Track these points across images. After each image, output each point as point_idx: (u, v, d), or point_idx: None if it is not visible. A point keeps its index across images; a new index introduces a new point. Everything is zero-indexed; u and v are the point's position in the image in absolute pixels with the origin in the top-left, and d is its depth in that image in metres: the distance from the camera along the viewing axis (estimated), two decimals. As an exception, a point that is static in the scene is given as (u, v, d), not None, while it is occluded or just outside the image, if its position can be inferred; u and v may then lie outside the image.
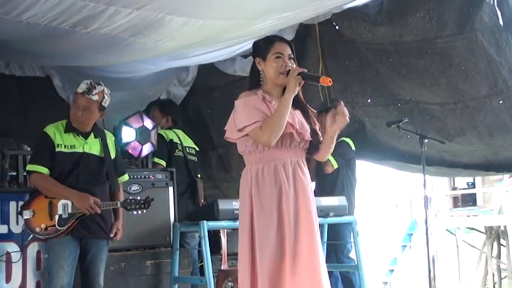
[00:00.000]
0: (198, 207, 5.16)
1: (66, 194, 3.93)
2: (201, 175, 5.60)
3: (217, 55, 5.85)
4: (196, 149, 5.50)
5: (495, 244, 12.30)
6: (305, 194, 3.06)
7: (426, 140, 5.11)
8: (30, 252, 4.16)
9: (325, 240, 5.11)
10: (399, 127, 5.26)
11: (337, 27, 5.63)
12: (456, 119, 5.43)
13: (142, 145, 4.96)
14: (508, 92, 5.02)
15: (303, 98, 3.21)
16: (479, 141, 5.47)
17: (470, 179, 16.95)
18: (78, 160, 3.99)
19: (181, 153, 5.27)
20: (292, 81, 3.02)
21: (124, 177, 4.30)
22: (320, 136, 3.19)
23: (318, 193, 3.37)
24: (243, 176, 3.14)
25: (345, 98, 5.94)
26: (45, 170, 3.96)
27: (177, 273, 4.65)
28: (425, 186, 5.16)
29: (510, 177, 13.25)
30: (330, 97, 5.93)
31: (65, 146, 3.99)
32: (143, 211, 4.06)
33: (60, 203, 3.94)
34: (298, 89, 3.06)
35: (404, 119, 5.27)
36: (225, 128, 3.17)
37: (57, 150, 3.97)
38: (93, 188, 3.98)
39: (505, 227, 11.88)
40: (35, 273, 4.19)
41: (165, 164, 5.10)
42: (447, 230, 13.39)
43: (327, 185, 5.44)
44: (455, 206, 17.19)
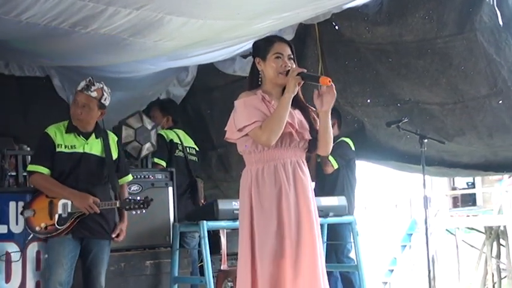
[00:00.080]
0: (198, 207, 5.16)
1: (66, 194, 3.94)
2: (200, 175, 5.60)
3: (216, 55, 5.84)
4: (197, 149, 5.50)
5: (495, 244, 12.31)
6: (305, 194, 3.05)
7: (426, 140, 5.11)
8: (30, 252, 4.15)
9: (325, 240, 5.11)
10: (399, 127, 5.26)
11: (336, 27, 5.62)
12: (456, 119, 5.43)
13: (142, 145, 4.97)
14: (507, 92, 5.01)
15: (303, 97, 3.21)
16: (478, 141, 5.47)
17: (470, 179, 16.98)
18: (78, 160, 4.00)
19: (182, 154, 5.27)
20: (291, 81, 3.02)
21: (128, 178, 4.30)
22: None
23: (318, 193, 3.37)
24: (243, 176, 3.14)
25: (344, 98, 5.95)
26: (46, 170, 3.97)
27: (176, 273, 4.65)
28: (425, 186, 5.16)
29: (510, 177, 13.26)
30: (330, 97, 5.92)
31: (65, 146, 3.99)
32: (142, 211, 4.06)
33: (60, 203, 3.95)
34: (298, 89, 3.06)
35: (403, 119, 5.27)
36: (225, 129, 3.17)
37: (57, 150, 3.98)
38: (93, 188, 3.98)
39: (504, 227, 11.89)
40: (34, 273, 4.18)
41: (165, 165, 5.10)
42: (447, 230, 13.40)
43: (327, 185, 5.44)
44: (454, 206, 17.21)
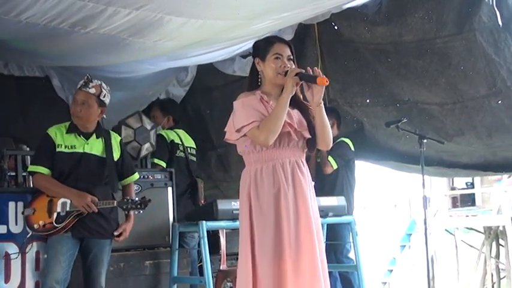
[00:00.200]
0: (197, 208, 5.16)
1: (65, 193, 3.94)
2: (200, 175, 5.60)
3: (216, 55, 5.84)
4: (196, 149, 5.50)
5: (494, 244, 12.31)
6: (303, 194, 3.05)
7: (425, 140, 5.11)
8: (29, 252, 4.15)
9: (324, 240, 5.11)
10: (398, 127, 5.26)
11: (336, 27, 5.62)
12: (455, 119, 5.43)
13: (141, 145, 4.96)
14: (506, 92, 5.02)
15: (303, 98, 3.21)
16: (478, 141, 5.47)
17: (469, 179, 16.99)
18: (78, 160, 3.99)
19: (183, 154, 5.26)
20: (289, 82, 3.02)
21: (134, 177, 4.27)
22: None
23: (317, 193, 3.37)
24: (243, 177, 3.14)
25: (343, 98, 5.96)
26: (46, 171, 3.97)
27: (176, 273, 4.65)
28: (424, 187, 5.17)
29: (509, 177, 13.28)
30: (329, 97, 5.94)
31: (65, 147, 3.99)
32: (140, 211, 4.04)
33: (59, 201, 3.95)
34: (296, 89, 3.05)
35: (403, 119, 5.27)
36: (225, 130, 3.17)
37: (57, 150, 3.98)
38: (93, 188, 3.97)
39: (503, 227, 11.89)
40: (33, 273, 4.18)
41: (164, 165, 5.09)
42: (446, 230, 13.40)
43: (327, 185, 5.44)
44: (454, 206, 17.23)
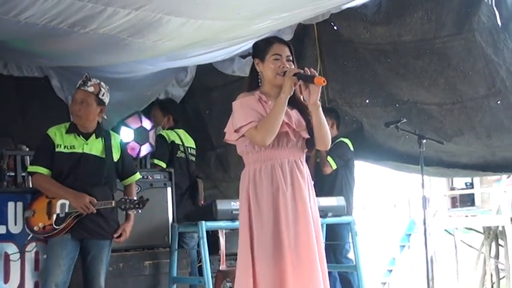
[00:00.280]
0: (197, 208, 5.16)
1: (63, 194, 3.93)
2: (199, 175, 5.59)
3: (215, 55, 5.85)
4: (196, 149, 5.50)
5: (493, 244, 12.30)
6: (302, 194, 3.05)
7: (424, 141, 5.11)
8: (28, 252, 4.15)
9: (324, 240, 5.11)
10: (397, 127, 5.26)
11: (335, 28, 5.63)
12: (454, 120, 5.43)
13: (141, 146, 4.97)
14: (505, 92, 5.02)
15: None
16: (477, 142, 5.48)
17: (469, 180, 17.00)
18: (77, 160, 3.98)
19: (183, 155, 5.25)
20: (287, 82, 3.02)
21: (135, 177, 4.26)
22: None
23: (317, 193, 3.37)
24: (242, 177, 3.14)
25: (343, 98, 5.96)
26: (45, 171, 3.97)
27: (175, 274, 4.65)
28: (423, 187, 5.17)
29: (508, 177, 13.27)
30: (328, 97, 5.94)
31: (64, 147, 3.98)
32: (138, 211, 4.02)
33: (58, 203, 3.94)
34: (294, 89, 3.04)
35: (402, 119, 5.27)
36: (225, 130, 3.17)
37: (56, 150, 3.97)
38: (92, 189, 3.96)
39: (503, 227, 11.88)
40: (33, 274, 4.18)
41: (164, 166, 5.08)
42: (445, 230, 13.39)
43: (326, 185, 5.44)
44: (453, 206, 17.23)
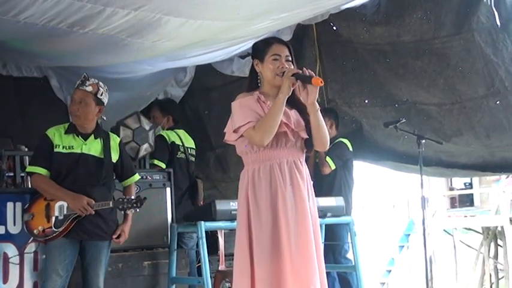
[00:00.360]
0: (196, 208, 5.16)
1: (61, 195, 3.92)
2: (199, 176, 5.59)
3: (214, 56, 5.85)
4: (196, 149, 5.49)
5: (492, 244, 12.29)
6: (301, 194, 3.05)
7: (423, 141, 5.12)
8: (28, 251, 4.14)
9: (323, 240, 5.11)
10: (396, 128, 5.27)
11: (334, 28, 5.63)
12: (453, 120, 5.44)
13: (140, 146, 4.96)
14: (505, 93, 5.03)
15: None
16: (476, 142, 5.48)
17: (468, 180, 17.00)
18: (76, 161, 3.97)
19: (184, 155, 5.25)
20: (286, 82, 3.01)
21: (134, 178, 4.26)
22: None
23: (316, 194, 3.38)
24: (241, 177, 3.14)
25: (342, 98, 5.96)
26: (44, 171, 3.96)
27: (174, 274, 4.65)
28: (422, 187, 5.17)
29: (507, 177, 13.28)
30: (328, 97, 5.95)
31: (63, 147, 3.97)
32: (136, 210, 4.01)
33: (56, 205, 3.93)
34: (292, 89, 3.03)
35: (401, 119, 5.28)
36: (224, 131, 3.17)
37: (55, 150, 3.96)
38: (91, 189, 3.95)
39: (502, 227, 11.87)
40: (32, 274, 4.18)
41: (164, 167, 5.07)
42: (444, 230, 13.38)
43: (325, 185, 5.44)
44: (452, 206, 17.23)
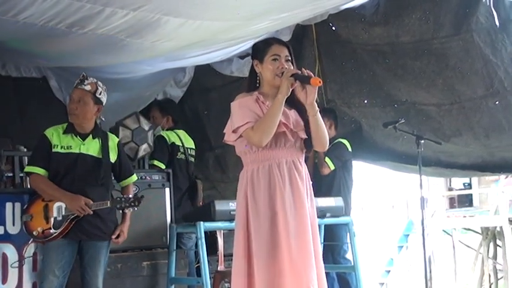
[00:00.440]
0: (195, 208, 5.16)
1: (59, 196, 3.91)
2: (198, 176, 5.59)
3: (214, 56, 5.85)
4: (196, 149, 5.49)
5: (491, 245, 12.29)
6: (300, 194, 3.05)
7: (422, 141, 5.12)
8: (26, 253, 4.14)
9: (322, 241, 5.11)
10: (395, 128, 5.27)
11: (333, 28, 5.63)
12: (452, 120, 5.44)
13: (139, 146, 4.96)
14: (504, 93, 5.03)
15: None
16: (475, 142, 5.48)
17: (467, 180, 16.99)
18: (74, 161, 3.97)
19: (183, 156, 5.25)
20: (284, 83, 3.01)
21: (132, 178, 4.26)
22: None
23: (315, 194, 3.38)
24: (240, 177, 3.14)
25: (341, 98, 5.97)
26: (42, 171, 3.96)
27: (173, 274, 4.65)
28: (421, 187, 5.17)
29: (506, 178, 13.28)
30: (327, 98, 5.95)
31: (61, 147, 3.97)
32: (134, 209, 4.01)
33: (55, 206, 3.93)
34: (291, 89, 3.03)
35: (400, 119, 5.28)
36: (224, 131, 3.17)
37: (53, 150, 3.96)
38: (89, 189, 3.95)
39: (501, 227, 11.87)
40: (31, 274, 4.18)
41: (164, 167, 5.06)
42: (443, 230, 13.38)
43: (324, 186, 5.44)
44: (451, 206, 17.22)
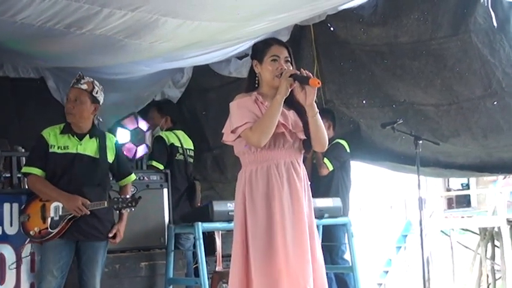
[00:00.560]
0: (193, 209, 5.15)
1: (56, 196, 3.91)
2: (196, 177, 5.58)
3: (212, 56, 5.84)
4: (194, 150, 5.49)
5: (489, 245, 12.32)
6: (298, 195, 3.04)
7: (421, 141, 5.12)
8: (24, 254, 4.13)
9: (320, 241, 5.10)
10: (394, 128, 5.27)
11: (332, 29, 5.64)
12: (450, 120, 5.44)
13: (137, 147, 4.96)
14: (502, 93, 5.03)
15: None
16: (473, 142, 5.49)
17: (465, 181, 17.00)
18: (71, 161, 3.96)
19: (182, 157, 5.24)
20: (283, 83, 3.01)
21: (130, 178, 4.25)
22: None
23: (313, 195, 3.38)
24: (239, 178, 3.13)
25: (340, 99, 5.97)
26: (39, 172, 3.95)
27: (171, 275, 4.65)
28: (419, 188, 5.17)
29: (504, 178, 13.31)
30: (325, 98, 5.95)
31: (58, 147, 3.96)
32: (131, 209, 4.00)
33: (52, 206, 3.93)
34: (290, 90, 3.03)
35: (398, 120, 5.28)
36: (223, 131, 3.16)
37: (50, 151, 3.95)
38: (86, 189, 3.94)
39: (499, 228, 11.90)
40: (29, 275, 4.17)
41: (162, 168, 5.06)
42: (441, 231, 13.42)
43: (322, 186, 5.44)
44: (449, 207, 17.22)
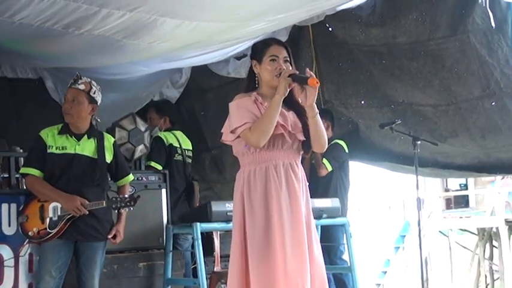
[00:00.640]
0: (191, 209, 5.15)
1: (54, 196, 3.91)
2: (194, 177, 5.58)
3: (210, 57, 5.84)
4: (193, 150, 5.48)
5: (487, 245, 12.34)
6: (296, 196, 3.04)
7: (419, 142, 5.12)
8: (22, 254, 4.13)
9: (319, 241, 5.10)
10: (392, 129, 5.27)
11: (330, 29, 5.64)
12: (449, 121, 5.45)
13: (135, 147, 4.95)
14: (500, 94, 5.04)
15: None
16: (471, 143, 5.49)
17: (463, 181, 17.03)
18: (69, 161, 3.96)
19: (181, 157, 5.24)
20: (282, 83, 3.00)
21: (128, 178, 4.25)
22: None
23: (311, 195, 3.38)
24: (237, 178, 3.13)
25: (338, 99, 5.97)
26: (37, 172, 3.95)
27: (170, 275, 4.64)
28: (418, 188, 5.18)
29: (502, 178, 13.33)
30: (324, 98, 5.95)
31: (56, 148, 3.96)
32: (130, 209, 4.00)
33: (50, 206, 3.92)
34: (288, 90, 3.03)
35: (397, 120, 5.29)
36: (222, 131, 3.16)
37: (48, 151, 3.95)
38: (85, 190, 3.94)
39: (497, 228, 11.91)
40: (27, 276, 4.17)
41: (161, 169, 5.05)
42: (440, 231, 13.42)
43: (320, 187, 5.44)
44: (447, 207, 17.26)
